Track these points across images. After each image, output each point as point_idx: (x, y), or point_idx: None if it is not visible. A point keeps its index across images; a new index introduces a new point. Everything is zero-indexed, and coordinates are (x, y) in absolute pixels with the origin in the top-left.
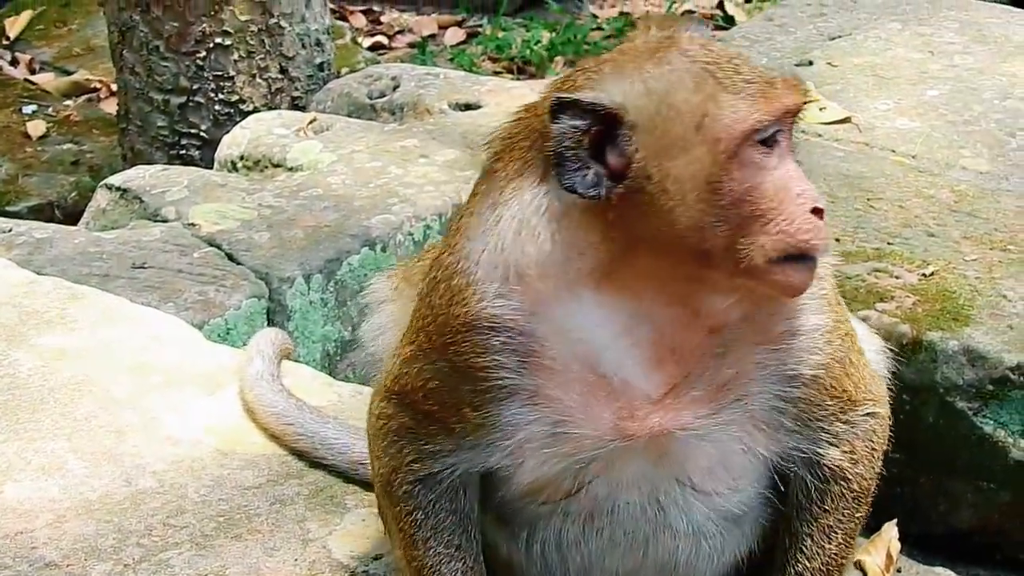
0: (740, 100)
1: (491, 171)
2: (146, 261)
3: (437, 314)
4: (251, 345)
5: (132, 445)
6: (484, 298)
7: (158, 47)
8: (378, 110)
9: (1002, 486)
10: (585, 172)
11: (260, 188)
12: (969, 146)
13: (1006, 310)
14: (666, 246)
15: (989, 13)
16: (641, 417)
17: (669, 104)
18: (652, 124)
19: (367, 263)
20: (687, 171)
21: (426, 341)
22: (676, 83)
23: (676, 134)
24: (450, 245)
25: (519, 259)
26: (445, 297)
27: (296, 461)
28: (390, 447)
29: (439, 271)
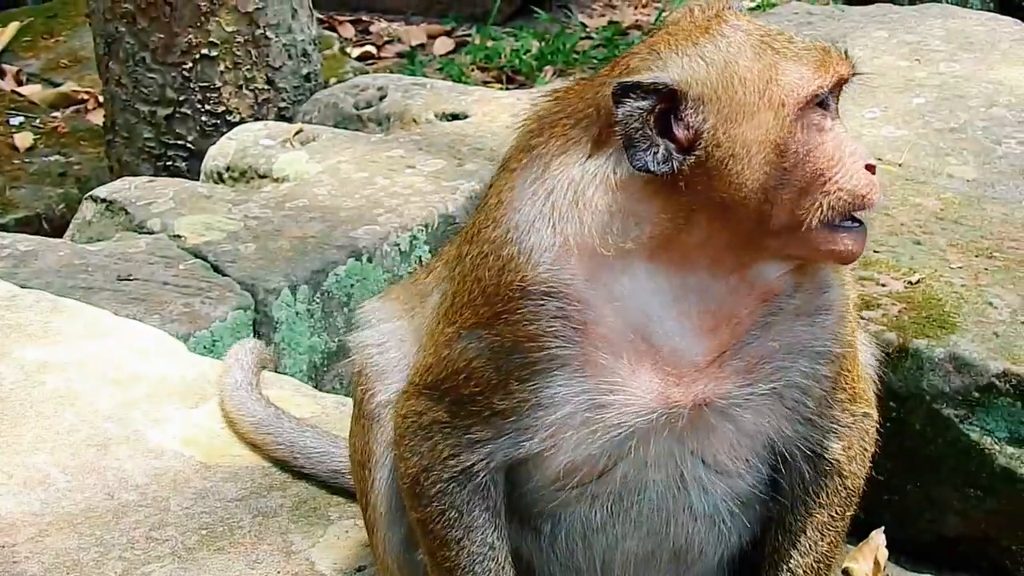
0: (802, 66)
1: (528, 148)
2: (131, 273)
3: (486, 286)
4: (229, 355)
5: (115, 458)
6: (540, 264)
7: (144, 58)
8: (364, 120)
9: (988, 493)
10: (655, 150)
11: (246, 199)
12: (955, 154)
13: (992, 317)
14: (729, 213)
15: (975, 20)
16: (688, 383)
17: (732, 73)
18: (716, 94)
19: (353, 274)
20: (755, 135)
21: (472, 316)
22: (736, 53)
23: (741, 101)
24: (493, 219)
25: (577, 228)
26: (495, 268)
27: (279, 473)
28: (420, 445)
29: (484, 245)
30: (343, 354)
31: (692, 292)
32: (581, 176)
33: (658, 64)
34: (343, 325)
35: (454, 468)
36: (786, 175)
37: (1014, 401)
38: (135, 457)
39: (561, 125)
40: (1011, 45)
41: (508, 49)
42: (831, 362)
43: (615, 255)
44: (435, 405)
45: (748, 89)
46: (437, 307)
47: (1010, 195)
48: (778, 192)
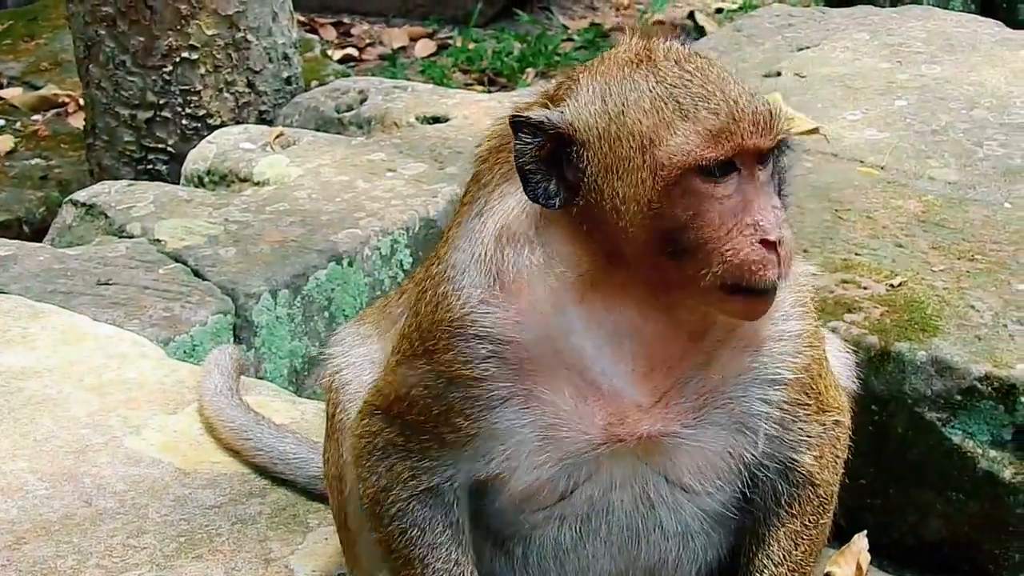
0: (692, 132)
1: (476, 178)
2: (111, 278)
3: (422, 321)
4: (208, 360)
5: (93, 465)
6: (468, 304)
7: (124, 62)
8: (345, 124)
9: (971, 496)
10: (546, 184)
11: (226, 203)
12: (937, 156)
13: (974, 320)
14: (631, 260)
15: (956, 22)
16: (631, 423)
17: (622, 124)
18: (600, 143)
19: (334, 278)
20: (630, 192)
21: (410, 348)
22: (634, 103)
23: (622, 155)
24: (438, 255)
25: (502, 266)
26: (431, 304)
27: (258, 480)
28: (377, 465)
29: (427, 281)
30: (324, 358)
31: (624, 335)
32: (513, 208)
33: (568, 98)
34: (324, 329)
35: (415, 488)
36: (668, 236)
37: (996, 404)
38: (113, 464)
39: (504, 153)
40: (992, 47)
41: (490, 51)
42: (786, 386)
43: (545, 294)
44: (388, 427)
45: (632, 144)
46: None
47: (992, 197)
48: (664, 251)
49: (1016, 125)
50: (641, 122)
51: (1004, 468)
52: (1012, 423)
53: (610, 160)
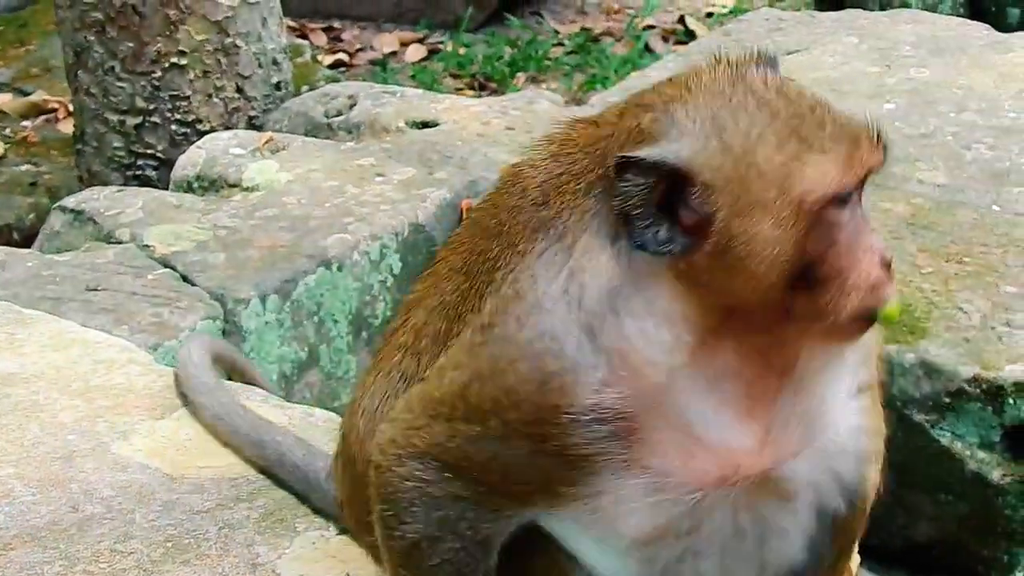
0: (828, 162)
1: (539, 225)
2: (100, 283)
3: (521, 400)
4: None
5: (80, 471)
6: (588, 387)
7: (113, 67)
8: (335, 129)
9: (959, 498)
10: (657, 229)
11: (215, 208)
12: (925, 159)
13: (962, 323)
14: (754, 303)
15: (945, 26)
16: (745, 468)
17: (749, 163)
18: (729, 184)
19: (323, 283)
20: (769, 232)
21: (502, 427)
22: (757, 139)
23: (757, 195)
24: (516, 317)
25: (622, 343)
26: (533, 383)
27: (246, 484)
28: (426, 513)
29: (511, 348)
30: (313, 363)
31: (725, 381)
32: (607, 268)
33: (670, 134)
34: (313, 335)
35: (472, 538)
36: (805, 271)
37: (984, 406)
38: (100, 470)
39: (571, 192)
40: (981, 50)
41: (480, 56)
42: (866, 393)
43: (661, 362)
44: (452, 480)
45: (765, 183)
46: (437, 384)
47: (980, 200)
48: (796, 286)
49: (1005, 128)
50: (772, 160)
51: (993, 469)
52: (1001, 425)
53: (743, 200)
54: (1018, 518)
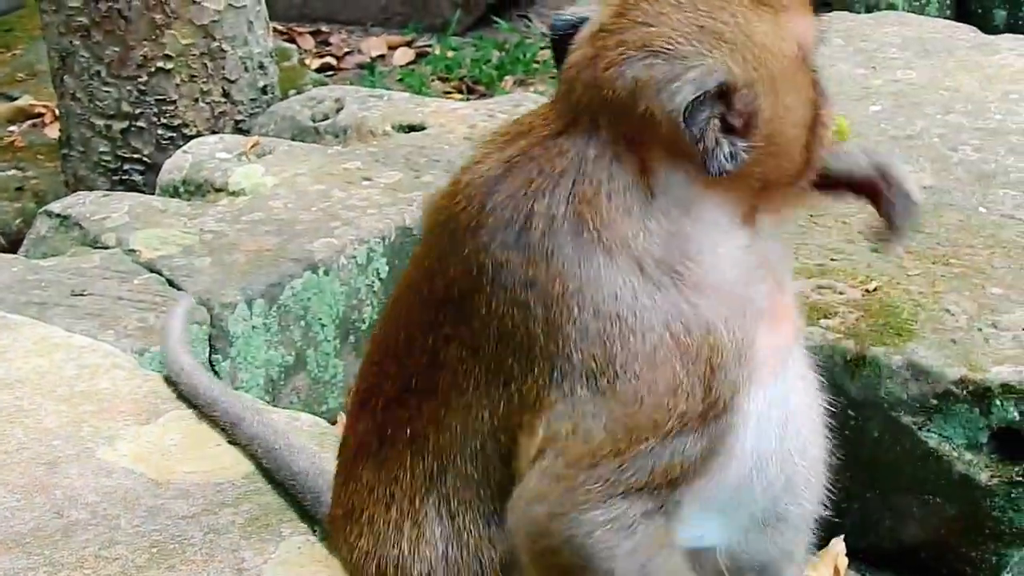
0: (797, 14)
1: (592, 237)
2: (85, 288)
3: (678, 387)
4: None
5: (64, 476)
6: (712, 324)
7: (99, 72)
8: (321, 133)
9: (947, 500)
10: (725, 148)
11: (201, 213)
12: (912, 161)
13: (949, 324)
14: (786, 175)
15: (931, 28)
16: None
17: (755, 44)
18: (757, 72)
19: (310, 287)
20: (795, 96)
21: (681, 418)
22: (744, 24)
23: (776, 68)
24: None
25: (722, 287)
26: (678, 363)
27: (231, 489)
28: (623, 544)
29: (640, 361)
30: (300, 367)
31: (760, 254)
32: (710, 235)
33: (687, 64)
34: (300, 339)
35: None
36: (813, 128)
37: (972, 408)
38: (85, 475)
39: (556, 175)
40: (967, 52)
41: (468, 59)
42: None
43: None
44: (635, 501)
45: (775, 53)
46: (584, 443)
47: (966, 202)
48: (807, 148)
49: (991, 130)
50: (767, 34)
51: (980, 471)
52: (988, 426)
53: (772, 82)
54: (1006, 519)
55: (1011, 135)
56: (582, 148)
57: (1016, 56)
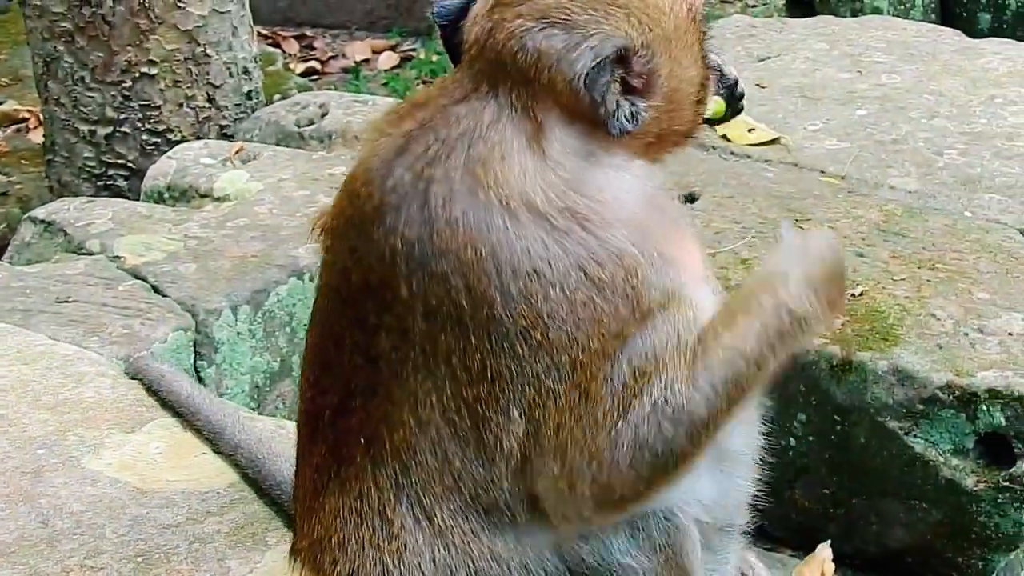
0: None
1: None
2: (70, 295)
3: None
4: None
5: (49, 485)
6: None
7: (83, 77)
8: (306, 138)
9: (934, 505)
10: (625, 109)
11: (186, 219)
12: (897, 165)
13: (935, 329)
14: (681, 129)
15: (916, 32)
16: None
17: (648, 7)
18: (651, 33)
19: (295, 293)
20: (689, 58)
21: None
22: None
23: (670, 28)
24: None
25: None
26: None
27: (216, 498)
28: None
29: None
30: (286, 373)
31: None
32: (607, 174)
33: (585, 32)
34: (285, 345)
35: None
36: (705, 87)
37: (958, 413)
38: (70, 484)
39: (452, 142)
40: (952, 56)
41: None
42: None
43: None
44: (644, 400)
45: (670, 16)
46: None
47: (952, 206)
48: (698, 105)
49: (976, 134)
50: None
51: (966, 476)
52: (974, 432)
53: (666, 40)
54: (992, 525)
55: (996, 139)
56: (479, 114)
57: (1001, 60)
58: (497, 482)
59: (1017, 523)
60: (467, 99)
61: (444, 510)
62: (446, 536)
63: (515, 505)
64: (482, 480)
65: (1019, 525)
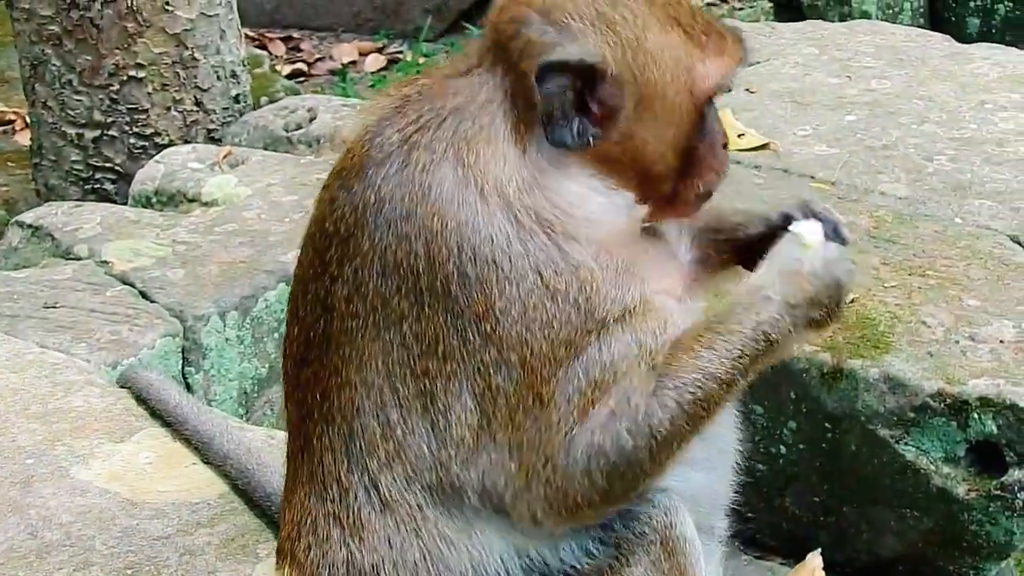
0: (709, 56)
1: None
2: (58, 301)
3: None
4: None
5: (38, 496)
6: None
7: (71, 81)
8: (294, 142)
9: (925, 513)
10: (574, 124)
11: (174, 224)
12: (887, 171)
13: (925, 336)
14: (652, 176)
15: (905, 37)
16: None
17: (646, 52)
18: (634, 75)
19: (284, 299)
20: (667, 119)
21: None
22: (645, 28)
23: (656, 83)
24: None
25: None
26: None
27: (207, 510)
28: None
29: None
30: (274, 379)
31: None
32: (581, 193)
33: (571, 39)
34: (273, 351)
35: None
36: (687, 154)
37: (949, 421)
38: (59, 495)
39: (441, 125)
40: (941, 61)
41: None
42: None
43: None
44: (601, 407)
45: (662, 71)
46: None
47: (942, 212)
48: (668, 168)
49: (966, 140)
50: (665, 47)
51: (958, 485)
52: (965, 440)
53: (646, 88)
54: (983, 533)
55: (986, 144)
56: (475, 91)
57: (990, 65)
58: (445, 464)
59: (1008, 531)
60: (468, 73)
61: (389, 479)
62: (394, 511)
63: (464, 489)
64: (428, 458)
65: (1010, 534)
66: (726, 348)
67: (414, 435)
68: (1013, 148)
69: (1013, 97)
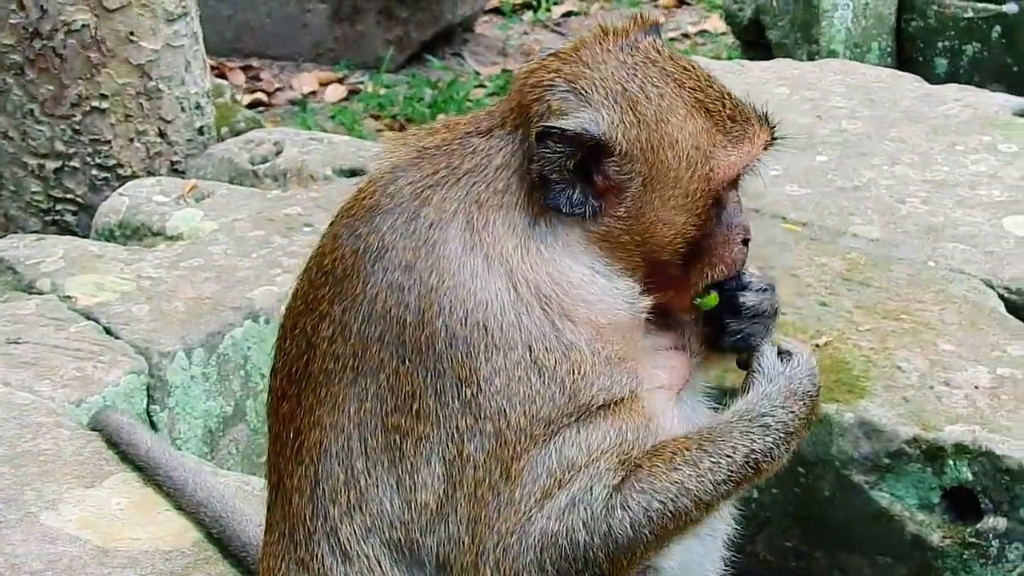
0: (733, 142)
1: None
2: (20, 336)
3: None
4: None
5: (7, 543)
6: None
7: (32, 110)
8: (260, 176)
9: (899, 560)
10: (571, 191)
11: (139, 258)
12: (859, 213)
13: (900, 381)
14: (657, 259)
15: (876, 77)
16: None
17: (663, 134)
18: (645, 155)
19: (250, 336)
20: (678, 201)
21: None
22: (668, 111)
23: (669, 166)
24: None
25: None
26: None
27: (180, 558)
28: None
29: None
30: (239, 418)
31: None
32: (585, 274)
33: (585, 107)
34: (239, 389)
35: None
36: (695, 241)
37: (924, 467)
38: (28, 542)
39: (457, 184)
40: (912, 102)
41: (401, 97)
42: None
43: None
44: (568, 488)
45: (677, 155)
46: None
47: (915, 255)
48: (684, 254)
49: (938, 182)
50: (684, 131)
51: (932, 532)
52: (940, 486)
53: (656, 171)
54: None
55: (958, 187)
56: (493, 154)
57: (961, 107)
58: (407, 525)
59: None
60: (489, 133)
61: (348, 529)
62: (353, 563)
63: (422, 556)
64: (389, 514)
65: None
66: (711, 470)
67: (377, 488)
68: (985, 191)
69: (984, 139)
